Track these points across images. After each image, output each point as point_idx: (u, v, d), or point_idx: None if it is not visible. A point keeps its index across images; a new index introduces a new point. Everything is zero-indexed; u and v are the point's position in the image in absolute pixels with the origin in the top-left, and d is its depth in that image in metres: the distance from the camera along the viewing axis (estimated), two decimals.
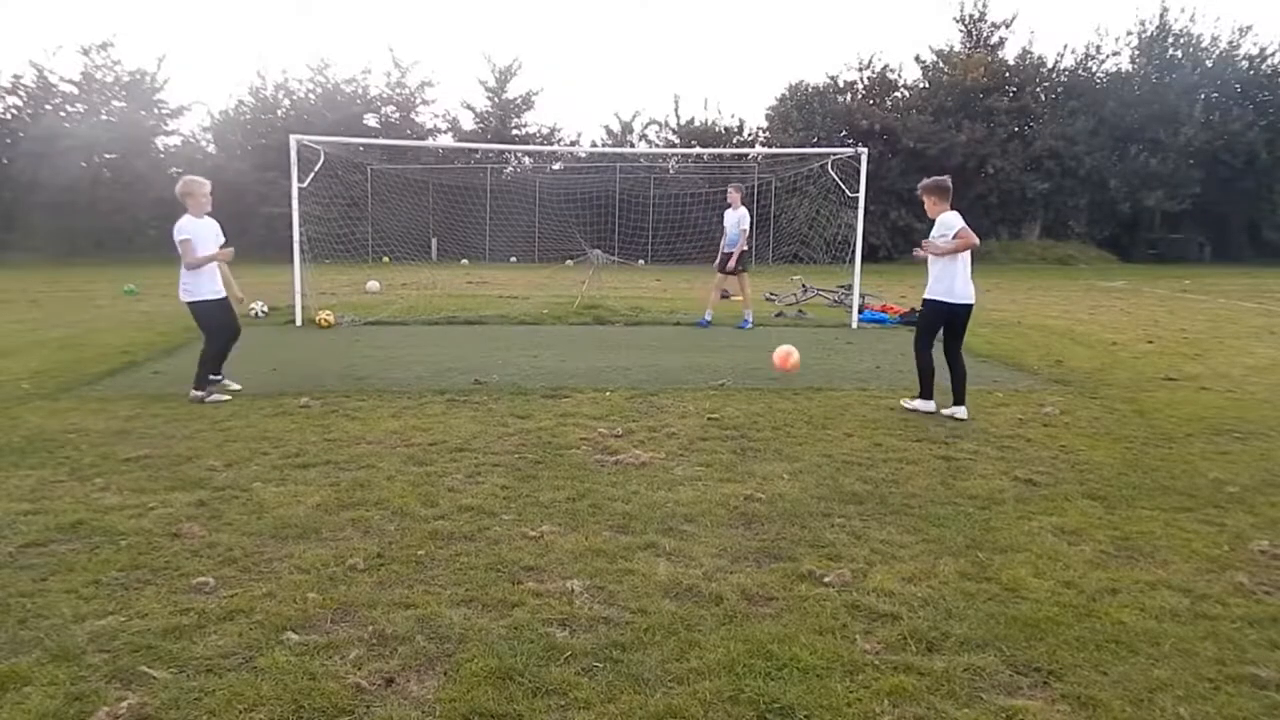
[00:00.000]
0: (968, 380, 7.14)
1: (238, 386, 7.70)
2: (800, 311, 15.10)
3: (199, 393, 7.31)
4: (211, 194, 7.34)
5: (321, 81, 37.11)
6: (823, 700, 2.77)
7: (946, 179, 7.18)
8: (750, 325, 13.04)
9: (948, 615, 3.39)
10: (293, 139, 13.16)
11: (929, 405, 7.19)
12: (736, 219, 12.81)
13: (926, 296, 7.15)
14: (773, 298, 16.67)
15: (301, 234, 13.21)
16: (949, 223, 6.92)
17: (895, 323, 13.77)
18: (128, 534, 4.16)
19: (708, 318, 13.28)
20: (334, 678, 2.89)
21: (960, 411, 6.98)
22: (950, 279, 6.95)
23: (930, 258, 7.04)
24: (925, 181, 7.21)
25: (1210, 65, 37.08)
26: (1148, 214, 36.92)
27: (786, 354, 8.62)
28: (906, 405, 7.33)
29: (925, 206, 7.17)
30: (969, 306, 7.05)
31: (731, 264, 12.88)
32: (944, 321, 7.12)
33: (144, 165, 33.04)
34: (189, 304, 7.36)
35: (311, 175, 13.26)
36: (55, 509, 4.49)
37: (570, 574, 3.74)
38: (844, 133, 35.51)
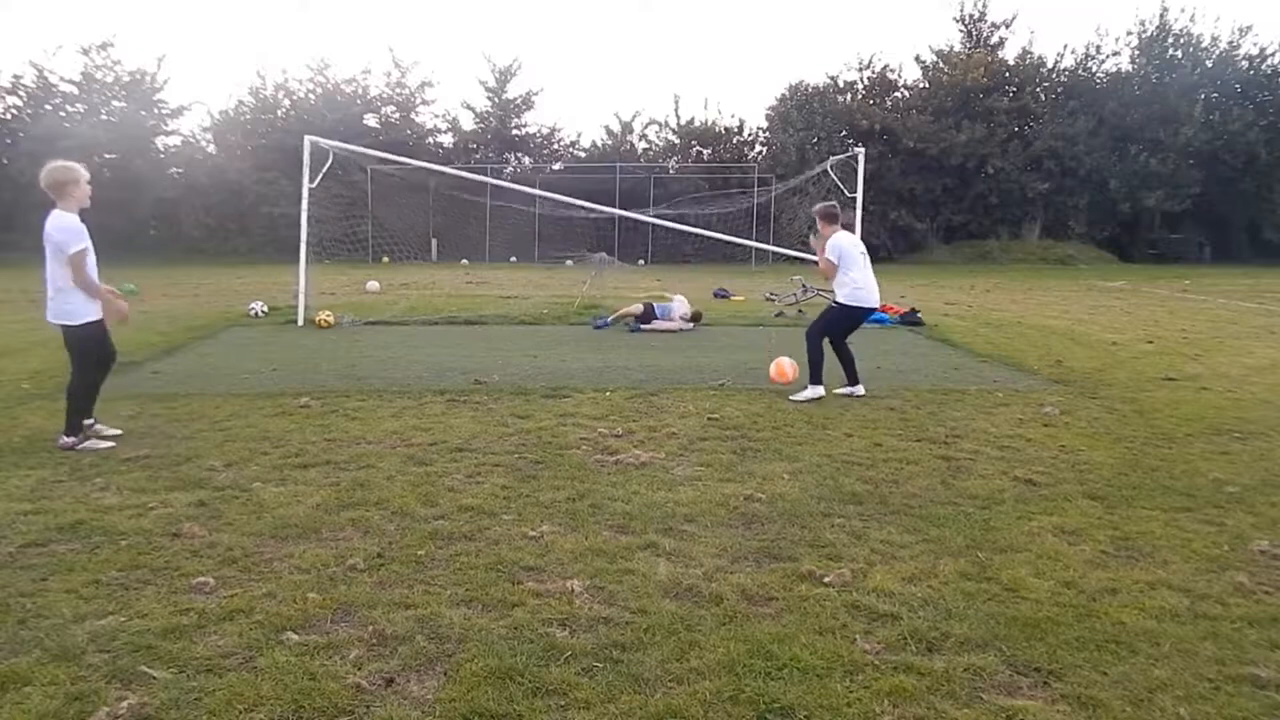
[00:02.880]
0: (967, 381, 7.24)
1: (115, 432, 6.01)
2: (800, 311, 15.10)
3: (70, 439, 5.66)
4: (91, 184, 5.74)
5: (321, 81, 37.17)
6: (823, 700, 2.77)
7: (834, 204, 8.08)
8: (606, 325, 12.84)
9: (948, 615, 3.39)
10: (307, 139, 13.15)
11: (820, 391, 7.63)
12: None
13: (845, 302, 7.71)
14: (773, 297, 16.69)
15: (307, 234, 13.20)
16: (827, 246, 7.73)
17: (895, 323, 13.76)
18: (128, 534, 4.16)
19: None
20: (334, 678, 2.89)
21: (860, 389, 7.79)
22: (853, 286, 7.64)
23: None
24: (816, 207, 8.08)
25: (1210, 65, 37.01)
26: (1148, 214, 36.87)
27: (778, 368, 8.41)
28: (799, 399, 7.56)
29: (819, 227, 7.93)
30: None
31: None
32: (856, 323, 7.90)
33: (144, 165, 33.00)
34: (72, 326, 5.68)
35: (320, 175, 13.25)
36: (55, 509, 4.49)
37: (570, 574, 3.74)
38: (844, 132, 35.49)
